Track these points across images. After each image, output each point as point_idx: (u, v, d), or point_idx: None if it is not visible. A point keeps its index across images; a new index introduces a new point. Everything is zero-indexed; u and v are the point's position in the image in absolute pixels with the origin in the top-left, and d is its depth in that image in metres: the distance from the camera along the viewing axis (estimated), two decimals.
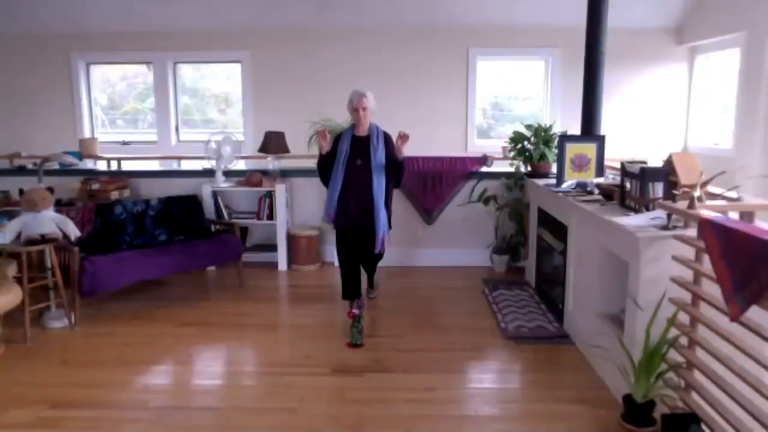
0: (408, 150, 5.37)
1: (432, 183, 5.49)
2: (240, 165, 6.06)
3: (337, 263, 5.51)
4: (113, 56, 7.54)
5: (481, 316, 4.25)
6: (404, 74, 7.21)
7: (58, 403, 3.01)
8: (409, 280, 5.16)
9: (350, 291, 4.29)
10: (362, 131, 4.18)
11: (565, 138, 4.47)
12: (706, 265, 2.50)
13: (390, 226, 4.24)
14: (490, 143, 7.19)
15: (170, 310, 4.38)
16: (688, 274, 2.69)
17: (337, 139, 4.23)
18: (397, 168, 4.16)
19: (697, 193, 2.65)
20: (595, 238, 3.42)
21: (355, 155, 4.12)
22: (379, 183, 4.09)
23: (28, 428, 2.79)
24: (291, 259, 5.53)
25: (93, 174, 5.71)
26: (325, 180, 4.24)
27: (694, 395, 2.59)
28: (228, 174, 5.59)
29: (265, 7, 6.80)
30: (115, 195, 5.35)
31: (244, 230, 5.68)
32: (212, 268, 5.38)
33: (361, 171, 4.09)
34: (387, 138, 4.20)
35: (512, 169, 5.34)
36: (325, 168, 4.20)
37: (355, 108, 4.12)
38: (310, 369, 3.41)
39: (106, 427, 2.80)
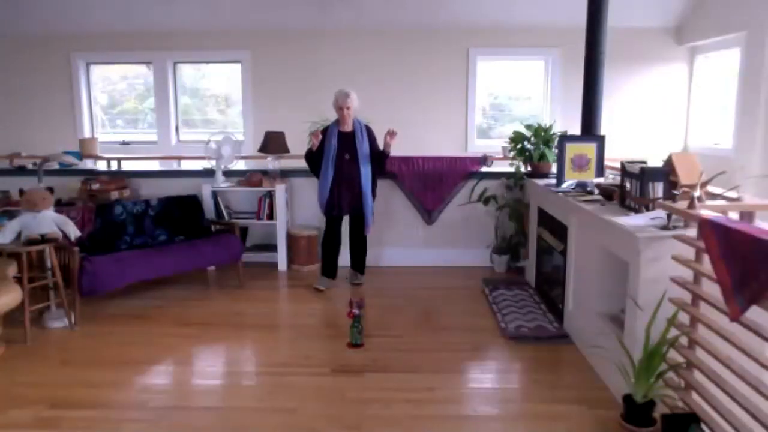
0: (408, 149, 5.54)
1: (432, 183, 5.48)
2: (240, 165, 6.06)
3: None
4: (113, 56, 7.54)
5: (481, 316, 4.25)
6: (404, 74, 7.21)
7: (58, 403, 3.01)
8: (409, 279, 5.15)
9: (331, 269, 4.89)
10: (347, 127, 4.66)
11: (565, 138, 4.47)
12: (706, 265, 2.49)
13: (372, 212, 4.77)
14: (490, 143, 7.19)
15: (170, 310, 4.38)
16: (688, 274, 2.69)
17: (323, 132, 4.59)
18: (381, 158, 4.67)
19: (697, 193, 2.65)
20: (595, 238, 3.42)
21: (343, 150, 4.59)
22: (366, 174, 4.62)
23: (28, 428, 2.79)
24: (291, 259, 5.53)
25: (93, 174, 5.70)
26: (315, 169, 4.71)
27: (694, 395, 2.58)
28: (228, 174, 5.59)
29: (265, 7, 6.80)
30: (115, 195, 5.34)
31: (244, 230, 5.68)
32: (212, 268, 5.38)
33: (349, 164, 4.60)
34: (369, 131, 4.72)
35: (512, 169, 5.34)
36: (314, 160, 4.66)
37: (341, 107, 4.59)
38: (310, 369, 3.41)
39: (106, 427, 2.80)
